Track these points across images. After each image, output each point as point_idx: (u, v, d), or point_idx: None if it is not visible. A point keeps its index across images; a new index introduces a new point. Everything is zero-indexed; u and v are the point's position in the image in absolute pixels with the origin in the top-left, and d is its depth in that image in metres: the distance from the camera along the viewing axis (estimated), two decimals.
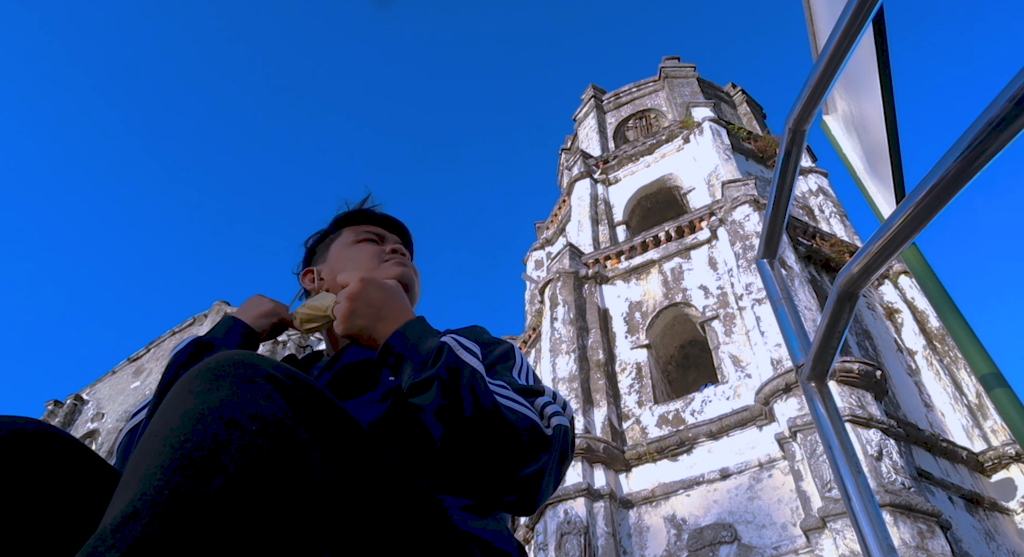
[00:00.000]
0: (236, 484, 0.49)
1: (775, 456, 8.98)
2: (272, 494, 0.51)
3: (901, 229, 0.70)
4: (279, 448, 0.53)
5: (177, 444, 0.51)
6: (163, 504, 0.46)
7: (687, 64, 20.17)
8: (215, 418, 0.53)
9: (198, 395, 0.56)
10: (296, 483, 0.53)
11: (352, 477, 0.63)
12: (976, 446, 10.55)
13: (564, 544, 8.68)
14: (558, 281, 12.74)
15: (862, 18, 0.85)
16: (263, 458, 0.52)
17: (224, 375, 0.58)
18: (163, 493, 0.47)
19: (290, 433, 0.55)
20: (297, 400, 0.60)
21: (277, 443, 0.54)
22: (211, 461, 0.50)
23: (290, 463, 0.53)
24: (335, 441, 0.62)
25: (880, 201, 1.31)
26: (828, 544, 7.67)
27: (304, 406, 0.60)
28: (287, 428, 0.56)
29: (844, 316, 0.87)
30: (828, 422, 0.99)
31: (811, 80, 0.99)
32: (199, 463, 0.49)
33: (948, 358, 11.79)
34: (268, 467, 0.52)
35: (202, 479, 0.48)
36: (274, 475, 0.52)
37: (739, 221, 11.85)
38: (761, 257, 1.25)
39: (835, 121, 1.56)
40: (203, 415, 0.53)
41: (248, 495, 0.49)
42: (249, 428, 0.53)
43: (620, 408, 10.82)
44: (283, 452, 0.53)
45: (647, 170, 16.09)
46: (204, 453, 0.50)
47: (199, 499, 0.47)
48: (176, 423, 0.53)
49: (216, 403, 0.55)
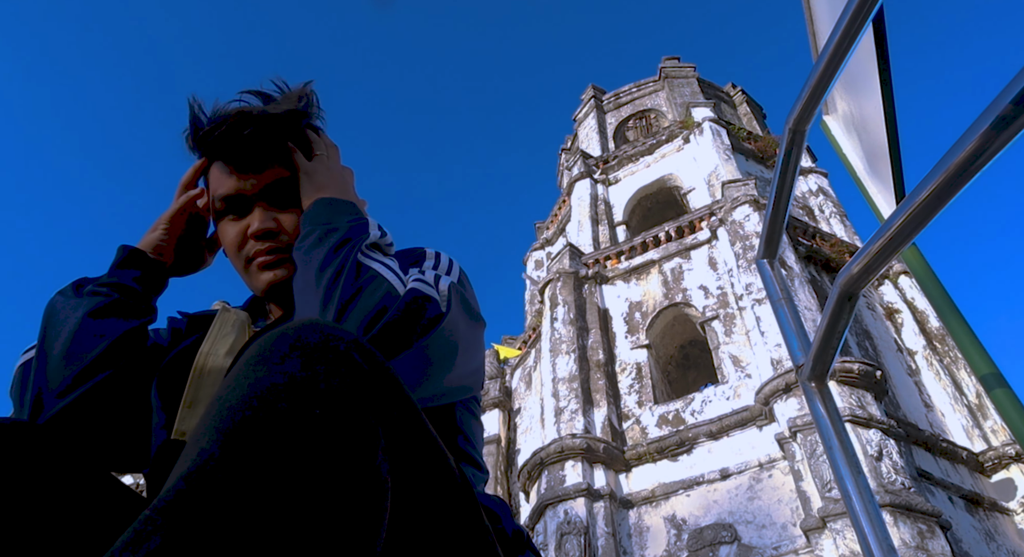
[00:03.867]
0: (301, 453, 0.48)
1: (775, 456, 8.97)
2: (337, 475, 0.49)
3: (901, 229, 0.70)
4: (346, 430, 0.52)
5: (236, 411, 0.50)
6: (216, 464, 0.46)
7: (687, 64, 20.17)
8: (285, 390, 0.51)
9: (269, 365, 0.53)
10: (360, 469, 0.51)
11: (410, 467, 0.60)
12: (976, 446, 10.55)
13: (564, 544, 8.67)
14: (558, 281, 12.74)
15: (862, 18, 0.85)
16: (330, 435, 0.50)
17: (298, 348, 0.55)
18: (216, 454, 0.47)
19: (359, 418, 0.53)
20: (370, 381, 0.57)
21: (344, 424, 0.52)
22: (269, 429, 0.49)
23: (355, 447, 0.52)
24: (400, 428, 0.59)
25: (880, 201, 1.31)
26: (828, 544, 7.67)
27: (375, 389, 0.57)
28: (356, 412, 0.53)
29: (844, 316, 0.87)
30: (828, 422, 0.99)
31: (811, 80, 0.99)
32: (257, 430, 0.48)
33: (948, 358, 11.79)
34: (333, 446, 0.50)
35: (261, 444, 0.48)
36: (338, 456, 0.50)
37: (739, 221, 11.85)
38: (761, 257, 1.25)
39: (835, 121, 1.56)
40: (273, 387, 0.51)
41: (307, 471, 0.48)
42: (317, 403, 0.51)
43: (620, 408, 10.82)
44: (349, 436, 0.52)
45: (647, 170, 16.09)
46: (265, 422, 0.49)
47: (255, 461, 0.47)
48: (243, 391, 0.51)
49: (286, 378, 0.52)
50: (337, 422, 0.51)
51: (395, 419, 0.59)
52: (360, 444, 0.52)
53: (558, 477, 9.55)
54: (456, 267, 0.94)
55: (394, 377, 0.61)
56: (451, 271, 0.91)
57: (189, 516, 0.43)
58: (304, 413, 0.50)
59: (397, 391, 0.60)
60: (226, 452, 0.47)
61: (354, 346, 0.58)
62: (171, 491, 0.45)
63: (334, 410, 0.52)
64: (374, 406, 0.56)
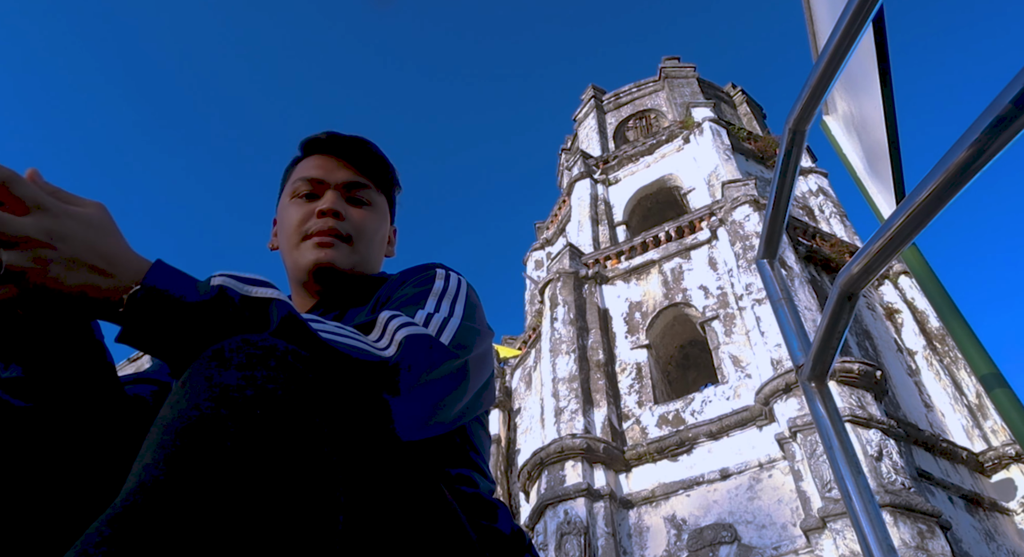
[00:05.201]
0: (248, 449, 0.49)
1: (775, 456, 8.97)
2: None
3: (901, 229, 0.70)
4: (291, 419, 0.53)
5: (180, 421, 0.51)
6: (165, 476, 0.46)
7: (687, 64, 20.17)
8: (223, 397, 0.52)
9: (208, 375, 0.55)
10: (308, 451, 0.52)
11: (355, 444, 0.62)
12: (976, 446, 10.54)
13: (564, 544, 8.67)
14: (558, 281, 12.74)
15: (862, 18, 0.85)
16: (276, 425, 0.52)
17: (233, 355, 0.56)
18: (165, 464, 0.47)
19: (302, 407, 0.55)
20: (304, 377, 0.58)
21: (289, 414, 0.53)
22: (216, 431, 0.49)
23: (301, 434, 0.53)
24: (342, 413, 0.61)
25: (880, 201, 1.31)
26: (828, 544, 7.67)
27: (316, 390, 0.58)
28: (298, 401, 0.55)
29: (844, 316, 0.87)
30: (828, 422, 0.99)
31: (811, 80, 0.99)
32: (205, 433, 0.49)
33: (948, 358, 11.79)
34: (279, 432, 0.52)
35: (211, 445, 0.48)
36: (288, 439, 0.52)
37: (739, 221, 11.84)
38: (761, 257, 1.25)
39: (835, 121, 1.56)
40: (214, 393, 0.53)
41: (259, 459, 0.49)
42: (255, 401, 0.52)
43: (620, 408, 10.82)
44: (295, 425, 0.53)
45: (647, 170, 16.09)
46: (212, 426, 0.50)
47: (208, 466, 0.47)
48: (184, 404, 0.52)
49: (225, 384, 0.53)
50: (281, 423, 0.52)
51: (340, 417, 0.60)
52: (305, 443, 0.53)
53: (558, 477, 9.55)
54: (463, 291, 0.93)
55: (334, 378, 0.62)
56: (457, 299, 0.91)
57: (140, 527, 0.44)
58: (247, 417, 0.51)
59: (339, 391, 0.61)
60: (171, 464, 0.47)
61: (289, 352, 0.59)
62: (118, 506, 0.45)
63: (276, 411, 0.53)
64: (317, 406, 0.57)
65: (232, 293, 0.65)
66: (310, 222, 1.04)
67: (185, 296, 0.63)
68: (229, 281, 0.67)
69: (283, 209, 1.09)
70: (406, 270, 1.01)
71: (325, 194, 1.06)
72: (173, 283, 0.64)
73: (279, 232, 1.10)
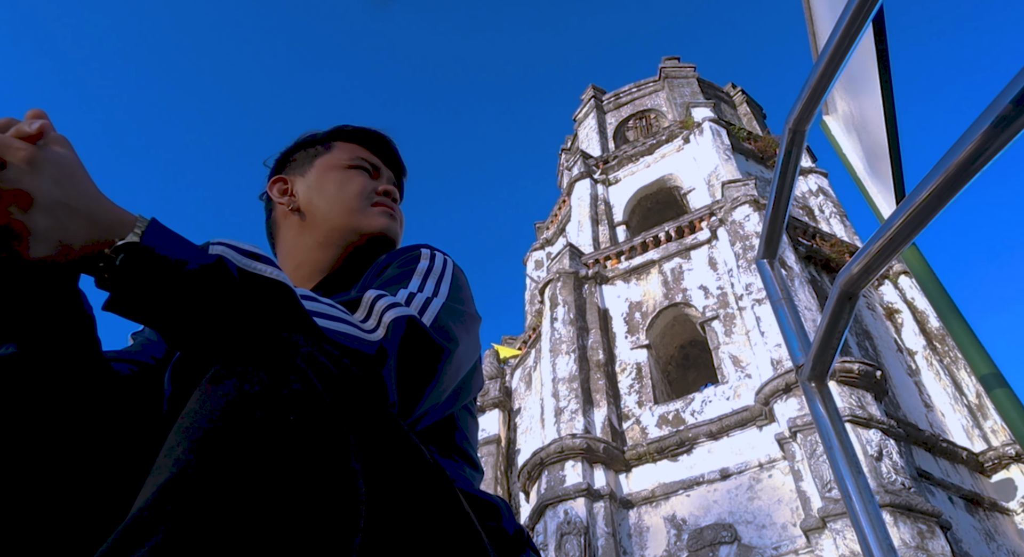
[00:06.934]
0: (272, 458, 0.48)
1: (775, 456, 8.97)
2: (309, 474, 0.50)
3: (901, 229, 0.70)
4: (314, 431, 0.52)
5: (209, 421, 0.50)
6: (192, 480, 0.46)
7: (687, 64, 20.18)
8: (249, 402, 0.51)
9: (239, 374, 0.53)
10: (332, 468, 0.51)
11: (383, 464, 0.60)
12: (976, 446, 10.55)
13: (564, 544, 8.67)
14: (558, 281, 12.74)
15: (862, 18, 0.85)
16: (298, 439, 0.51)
17: (267, 356, 0.55)
18: (190, 470, 0.46)
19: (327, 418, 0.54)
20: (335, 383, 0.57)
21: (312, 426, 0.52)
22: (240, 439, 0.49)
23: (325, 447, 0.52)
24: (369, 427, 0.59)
25: (880, 201, 1.31)
26: (828, 544, 7.67)
27: (345, 393, 0.57)
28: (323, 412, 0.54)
29: (844, 316, 0.87)
30: (828, 422, 0.99)
31: (811, 80, 0.99)
32: (226, 441, 0.48)
33: (948, 358, 11.79)
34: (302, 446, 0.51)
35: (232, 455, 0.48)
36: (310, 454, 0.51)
37: (739, 221, 11.85)
38: (761, 257, 1.25)
39: (835, 121, 1.56)
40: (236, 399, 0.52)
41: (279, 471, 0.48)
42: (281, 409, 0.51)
43: (620, 408, 10.82)
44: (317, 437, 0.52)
45: (647, 170, 16.09)
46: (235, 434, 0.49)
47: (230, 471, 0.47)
48: (215, 403, 0.51)
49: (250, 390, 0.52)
50: (309, 426, 0.52)
51: (367, 422, 0.59)
52: (333, 447, 0.52)
53: (558, 477, 9.55)
54: (449, 270, 0.92)
55: (362, 381, 0.61)
56: (443, 279, 0.90)
57: (174, 524, 0.43)
58: (277, 419, 0.50)
59: (366, 395, 0.61)
60: (202, 460, 0.47)
61: (320, 352, 0.58)
62: (149, 501, 0.45)
63: (306, 415, 0.52)
64: (345, 410, 0.56)
65: (231, 265, 0.60)
66: (373, 197, 1.12)
67: (188, 262, 0.58)
68: (228, 251, 0.63)
69: (334, 171, 1.13)
70: (392, 251, 1.02)
71: (381, 179, 1.17)
72: (172, 246, 0.59)
73: (325, 192, 1.11)
